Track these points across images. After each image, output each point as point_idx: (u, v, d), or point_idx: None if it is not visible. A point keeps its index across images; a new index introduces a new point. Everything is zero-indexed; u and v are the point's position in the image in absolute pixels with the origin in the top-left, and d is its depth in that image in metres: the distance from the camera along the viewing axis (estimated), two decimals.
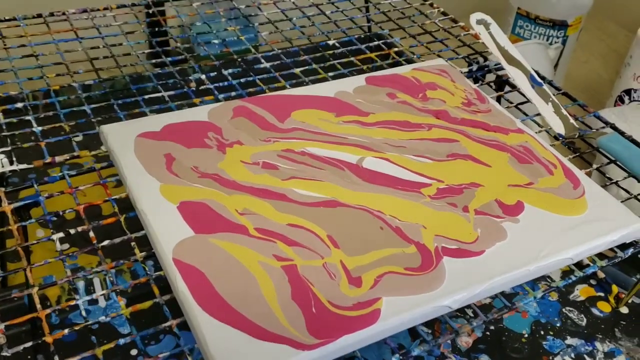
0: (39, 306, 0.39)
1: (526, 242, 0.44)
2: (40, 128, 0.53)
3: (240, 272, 0.40)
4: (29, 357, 0.53)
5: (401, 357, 0.39)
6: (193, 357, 0.38)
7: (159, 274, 0.42)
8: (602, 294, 0.63)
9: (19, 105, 0.55)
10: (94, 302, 0.58)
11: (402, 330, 0.39)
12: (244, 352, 0.35)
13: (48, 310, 0.39)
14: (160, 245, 0.41)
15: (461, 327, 0.41)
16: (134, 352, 0.55)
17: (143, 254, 0.43)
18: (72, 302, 0.40)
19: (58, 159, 0.50)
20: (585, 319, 0.61)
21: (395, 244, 0.43)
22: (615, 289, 0.63)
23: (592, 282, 0.65)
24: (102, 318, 0.39)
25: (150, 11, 0.70)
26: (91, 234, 0.44)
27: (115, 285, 0.41)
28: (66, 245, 0.64)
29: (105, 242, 0.44)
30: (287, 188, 0.46)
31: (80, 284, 0.59)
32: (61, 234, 0.44)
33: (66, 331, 0.38)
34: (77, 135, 0.52)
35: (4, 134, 0.52)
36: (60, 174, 0.49)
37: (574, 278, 0.46)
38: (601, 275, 0.63)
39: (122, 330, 0.57)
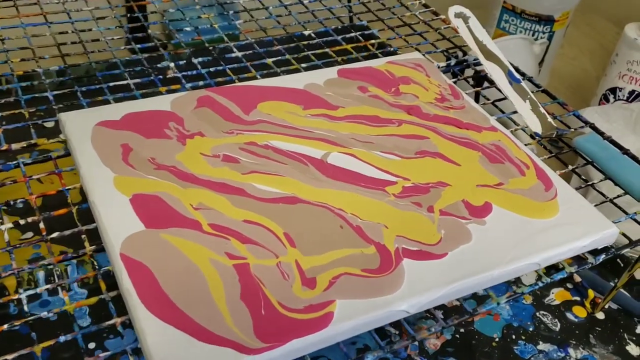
0: None
1: (492, 246, 0.43)
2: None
3: (189, 270, 0.38)
4: None
5: None
6: (134, 358, 0.36)
7: (107, 268, 0.40)
8: (578, 299, 0.62)
9: None
10: (54, 292, 0.56)
11: (356, 334, 0.38)
12: (186, 354, 0.34)
13: None
14: (108, 239, 0.40)
15: (419, 333, 0.40)
16: (91, 345, 0.54)
17: (93, 247, 0.41)
18: (16, 296, 0.38)
19: (15, 146, 0.48)
20: (559, 324, 0.59)
21: (355, 244, 0.41)
22: (591, 293, 0.61)
23: (569, 285, 0.63)
24: (44, 314, 0.38)
25: None
26: (41, 225, 0.42)
27: (62, 279, 0.40)
28: (30, 234, 0.62)
29: (55, 234, 0.42)
30: (246, 183, 0.45)
31: (41, 274, 0.57)
32: (10, 225, 0.42)
33: (5, 326, 0.36)
34: (36, 122, 0.51)
35: None
36: (15, 162, 0.47)
37: (540, 284, 0.44)
38: (577, 279, 0.62)
39: (82, 322, 0.56)
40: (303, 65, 0.61)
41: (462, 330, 0.58)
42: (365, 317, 0.37)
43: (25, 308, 0.38)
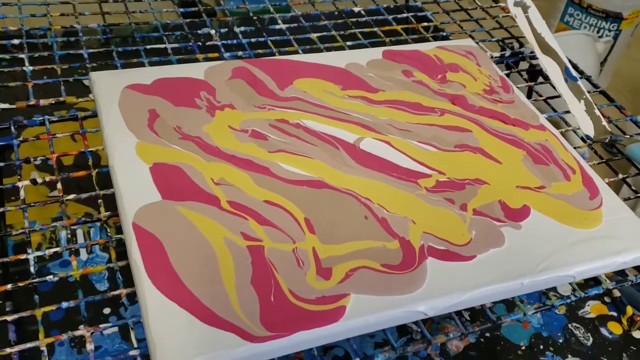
0: None
1: (525, 252, 0.40)
2: (31, 68, 0.50)
3: (201, 247, 0.36)
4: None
5: None
6: (136, 332, 0.35)
7: (120, 237, 0.39)
8: (614, 314, 0.58)
9: (16, 41, 0.53)
10: (75, 253, 0.56)
11: (369, 332, 0.36)
12: (186, 335, 0.32)
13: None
14: (123, 206, 0.38)
15: (435, 338, 0.38)
16: (106, 310, 0.53)
17: (107, 213, 0.40)
18: (23, 256, 0.38)
19: (43, 101, 0.48)
20: (591, 339, 0.56)
21: (378, 237, 0.39)
22: (630, 310, 0.58)
23: (606, 299, 0.60)
24: (50, 277, 0.37)
25: None
26: (59, 185, 0.42)
27: (73, 243, 0.39)
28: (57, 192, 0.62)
29: (71, 196, 0.41)
30: (272, 161, 0.43)
31: (63, 234, 0.57)
32: (27, 182, 0.42)
33: (9, 286, 0.36)
34: (68, 80, 0.50)
35: None
36: (40, 118, 0.46)
37: (573, 298, 0.41)
38: (616, 294, 0.59)
39: (100, 286, 0.55)
40: (348, 43, 0.58)
41: (487, 334, 0.55)
42: (379, 315, 0.35)
43: (32, 270, 0.37)
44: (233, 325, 0.33)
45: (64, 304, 0.35)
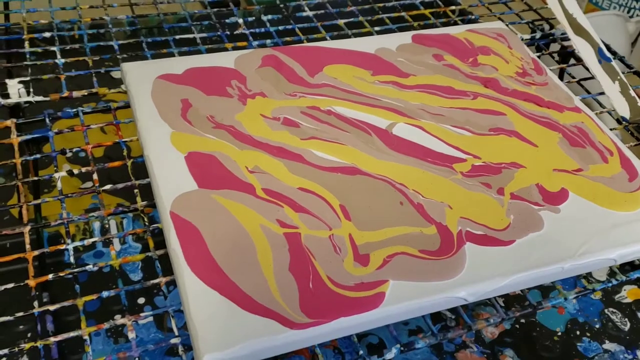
0: (28, 246, 0.37)
1: (564, 236, 0.39)
2: (63, 60, 0.50)
3: (239, 235, 0.36)
4: (37, 293, 0.52)
5: (402, 349, 0.35)
6: (176, 320, 0.35)
7: (156, 226, 0.39)
8: None
9: (47, 34, 0.53)
10: (108, 244, 0.56)
11: (408, 318, 0.36)
12: (227, 322, 0.32)
13: (36, 252, 0.37)
14: (160, 196, 0.38)
15: (476, 323, 0.37)
16: (141, 300, 0.54)
17: (144, 203, 0.40)
18: (63, 246, 0.38)
19: (75, 93, 0.48)
20: (629, 324, 0.55)
21: (414, 223, 0.39)
22: None
23: None
24: (89, 267, 0.37)
25: None
26: (95, 176, 0.42)
27: (110, 233, 0.39)
28: (90, 183, 0.62)
29: (107, 187, 0.41)
30: (305, 149, 0.42)
31: (96, 225, 0.57)
32: (63, 173, 0.42)
33: (50, 276, 0.36)
34: (99, 71, 0.50)
35: (26, 63, 0.50)
36: (74, 109, 0.47)
37: (614, 282, 0.41)
38: None
39: (134, 276, 0.55)
40: (376, 28, 0.58)
41: (522, 320, 0.55)
42: (419, 301, 0.35)
43: (72, 259, 0.37)
44: (273, 312, 0.33)
45: (105, 293, 0.35)
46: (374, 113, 0.46)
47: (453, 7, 0.63)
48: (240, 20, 0.57)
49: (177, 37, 0.54)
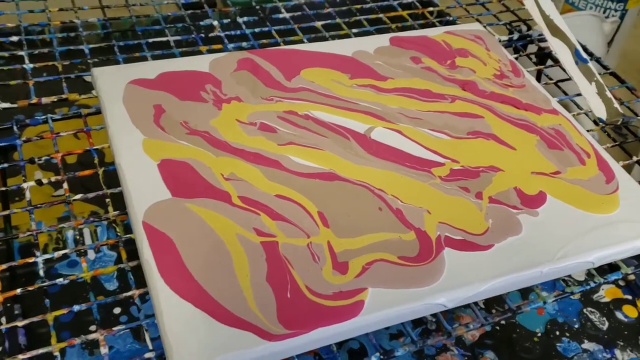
0: None
1: (543, 240, 0.39)
2: (32, 65, 0.49)
3: (214, 245, 0.36)
4: (8, 304, 0.50)
5: (382, 357, 0.34)
6: (151, 332, 0.34)
7: (129, 236, 0.38)
8: (629, 297, 0.58)
9: (14, 38, 0.52)
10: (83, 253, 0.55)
11: (388, 326, 0.35)
12: (202, 336, 0.32)
13: (3, 266, 0.36)
14: (132, 205, 0.37)
15: (456, 328, 0.37)
16: (116, 310, 0.52)
17: (116, 212, 0.39)
18: (32, 259, 0.37)
19: (45, 100, 0.47)
20: (607, 323, 0.56)
21: (393, 228, 0.38)
22: None
23: (621, 283, 0.59)
24: (60, 280, 0.36)
25: None
26: (65, 185, 0.41)
27: (82, 244, 0.38)
28: (62, 191, 0.61)
29: (78, 196, 0.40)
30: (282, 154, 0.42)
31: (70, 234, 0.56)
32: (32, 183, 0.41)
33: (18, 291, 0.35)
34: (69, 77, 0.49)
35: None
36: (43, 116, 0.45)
37: (593, 284, 0.41)
38: (631, 277, 0.58)
39: (109, 286, 0.54)
40: (354, 30, 0.57)
41: (502, 322, 0.55)
42: (398, 308, 0.35)
43: (41, 272, 0.36)
44: (250, 324, 0.32)
45: (76, 307, 0.34)
46: (352, 117, 0.45)
47: (431, 9, 0.63)
48: (216, 23, 0.56)
49: (150, 40, 0.53)
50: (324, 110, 0.46)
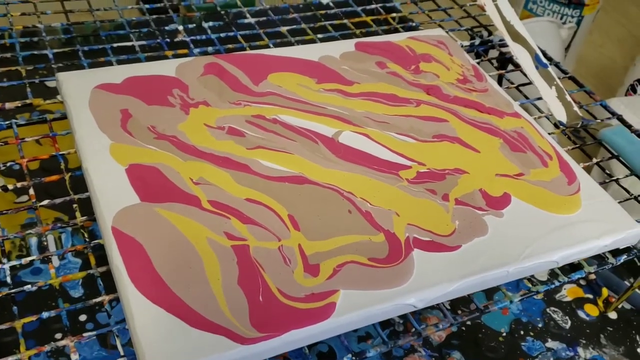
0: None
1: (508, 240, 0.40)
2: None
3: (185, 249, 0.36)
4: None
5: (353, 358, 0.35)
6: (122, 339, 0.34)
7: (98, 242, 0.38)
8: (590, 296, 0.59)
9: None
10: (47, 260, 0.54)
11: (359, 327, 0.36)
12: (174, 340, 0.31)
13: None
14: (100, 210, 0.37)
15: (425, 329, 0.37)
16: (82, 317, 0.52)
17: (84, 218, 0.39)
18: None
19: (8, 105, 0.46)
20: (569, 322, 0.57)
21: (363, 231, 0.39)
22: (605, 292, 0.58)
23: (582, 282, 0.61)
24: (28, 287, 0.35)
25: None
26: (31, 191, 0.40)
27: (49, 250, 0.38)
28: (25, 197, 0.60)
29: (45, 202, 0.40)
30: (251, 158, 0.42)
31: (33, 241, 0.55)
32: None
33: None
34: (34, 82, 0.48)
35: None
36: (7, 122, 0.45)
37: (557, 283, 0.42)
38: (592, 276, 0.59)
39: (74, 292, 0.53)
40: (319, 35, 0.58)
41: (468, 323, 0.56)
42: (369, 309, 0.35)
43: (8, 280, 0.35)
44: (222, 327, 0.32)
45: (45, 314, 0.34)
46: (319, 121, 0.46)
47: (394, 15, 0.64)
48: (180, 27, 0.56)
49: (115, 45, 0.53)
50: (291, 115, 0.46)
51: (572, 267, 0.44)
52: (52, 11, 0.56)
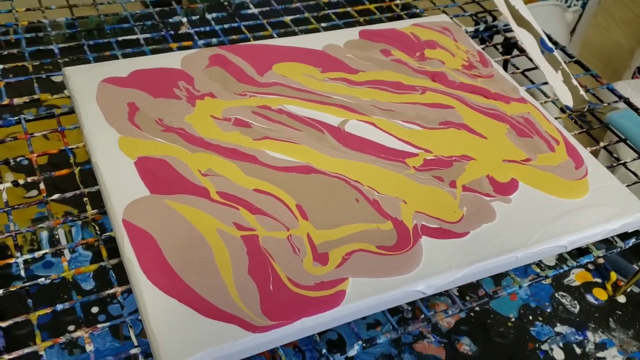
0: None
1: (516, 226, 0.40)
2: (1, 66, 0.48)
3: (195, 240, 0.36)
4: None
5: (364, 345, 0.35)
6: (135, 330, 0.34)
7: (109, 234, 0.38)
8: (599, 280, 0.59)
9: None
10: (59, 254, 0.54)
11: (369, 314, 0.36)
12: (187, 330, 0.32)
13: None
14: (111, 203, 0.37)
15: (434, 315, 0.38)
16: (95, 309, 0.52)
17: (95, 211, 0.39)
18: (12, 260, 0.37)
19: (16, 100, 0.46)
20: (578, 306, 0.57)
21: (371, 219, 0.39)
22: (613, 276, 0.59)
23: (590, 266, 0.61)
24: (42, 280, 0.36)
25: None
26: (42, 185, 0.40)
27: (60, 243, 0.38)
28: (35, 192, 0.60)
29: (56, 196, 0.40)
30: (258, 149, 0.42)
31: (44, 235, 0.56)
32: (8, 184, 0.40)
33: (0, 292, 0.35)
34: (41, 77, 0.48)
35: None
36: (16, 117, 0.45)
37: (565, 268, 0.42)
38: (600, 260, 0.59)
39: (85, 285, 0.54)
40: (323, 24, 0.58)
41: (477, 308, 0.56)
42: (379, 296, 0.35)
43: (22, 273, 0.36)
44: (234, 316, 0.33)
45: (59, 306, 0.34)
46: (325, 110, 0.46)
47: (397, 1, 0.63)
48: (184, 19, 0.56)
49: (120, 38, 0.53)
50: (297, 104, 0.46)
51: (580, 252, 0.44)
52: (57, 6, 0.56)
